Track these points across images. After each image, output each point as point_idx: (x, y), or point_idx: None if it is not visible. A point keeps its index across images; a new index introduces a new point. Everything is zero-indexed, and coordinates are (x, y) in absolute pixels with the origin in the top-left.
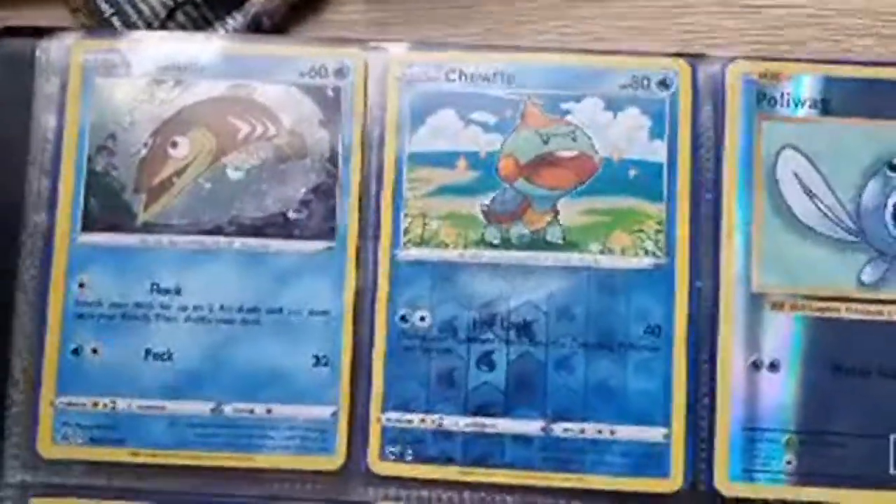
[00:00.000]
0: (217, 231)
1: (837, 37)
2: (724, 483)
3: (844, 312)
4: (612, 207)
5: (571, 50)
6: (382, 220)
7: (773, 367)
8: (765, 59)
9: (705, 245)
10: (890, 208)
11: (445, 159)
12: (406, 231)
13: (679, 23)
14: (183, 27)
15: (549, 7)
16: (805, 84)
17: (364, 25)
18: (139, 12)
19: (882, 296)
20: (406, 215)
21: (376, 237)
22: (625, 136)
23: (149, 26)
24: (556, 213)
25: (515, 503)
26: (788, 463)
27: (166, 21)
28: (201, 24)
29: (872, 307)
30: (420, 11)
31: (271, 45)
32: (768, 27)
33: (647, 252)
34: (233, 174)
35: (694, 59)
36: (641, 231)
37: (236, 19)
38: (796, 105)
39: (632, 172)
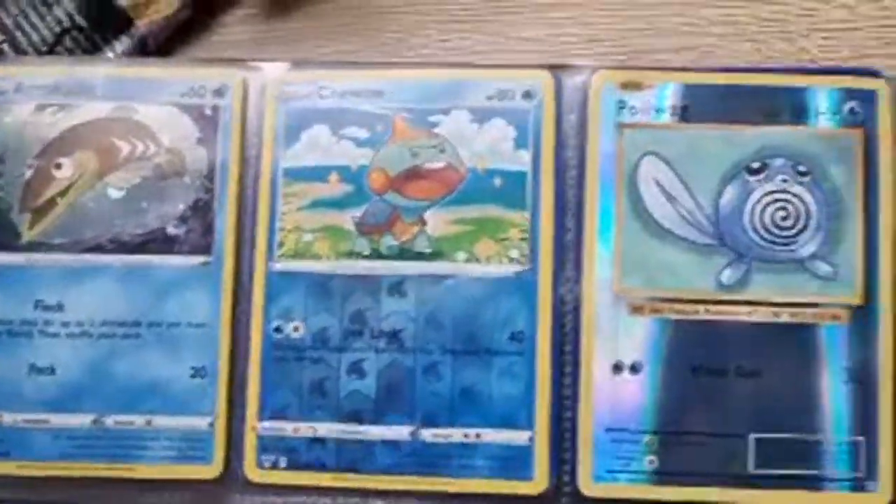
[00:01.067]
0: (98, 248)
1: (711, 41)
2: (587, 484)
3: (704, 314)
4: (478, 217)
5: (439, 64)
6: (258, 233)
7: (634, 369)
8: (626, 68)
9: (568, 251)
10: (748, 211)
11: (319, 174)
12: (281, 244)
13: (553, 34)
14: (71, 52)
15: (430, 22)
16: (666, 92)
17: (248, 45)
18: (28, 38)
19: (741, 297)
20: (281, 229)
21: (252, 251)
22: (490, 146)
23: (38, 52)
24: (424, 223)
25: None
26: (650, 463)
27: (54, 46)
28: (89, 48)
29: (731, 308)
30: (302, 29)
31: (152, 68)
32: (642, 36)
33: (511, 259)
34: (114, 193)
35: (558, 70)
36: (506, 239)
37: (123, 42)
38: (657, 112)
39: (497, 182)
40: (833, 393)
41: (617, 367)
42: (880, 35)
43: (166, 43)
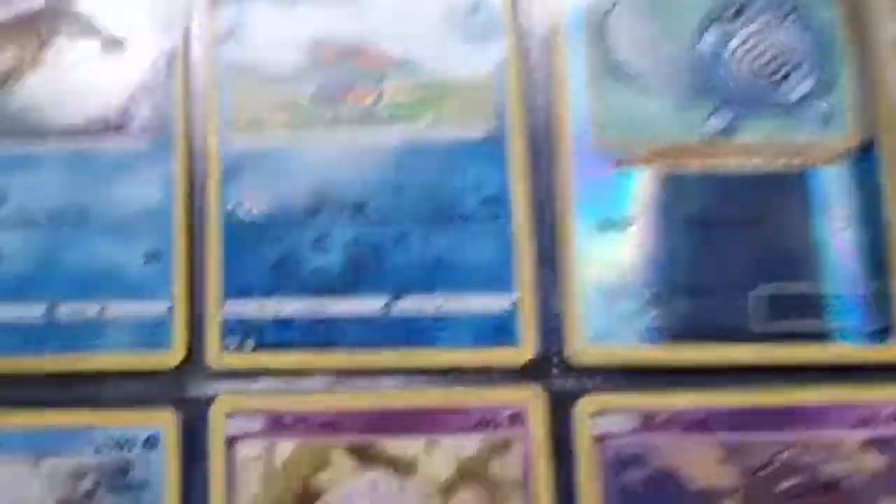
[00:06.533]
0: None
1: None
2: (576, 350)
3: (692, 165)
4: (440, 80)
5: None
6: (208, 111)
7: (621, 225)
8: None
9: (539, 108)
10: (729, 56)
11: None
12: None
13: None
14: None
15: None
16: None
17: None
18: None
19: (729, 145)
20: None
21: (205, 129)
22: None
23: None
24: (383, 90)
25: (361, 385)
26: (650, 320)
27: None
28: None
29: (719, 158)
30: None
31: None
32: None
33: (479, 120)
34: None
35: None
36: (473, 101)
37: None
38: None
39: None
40: (836, 240)
41: (603, 225)
42: None
43: None
